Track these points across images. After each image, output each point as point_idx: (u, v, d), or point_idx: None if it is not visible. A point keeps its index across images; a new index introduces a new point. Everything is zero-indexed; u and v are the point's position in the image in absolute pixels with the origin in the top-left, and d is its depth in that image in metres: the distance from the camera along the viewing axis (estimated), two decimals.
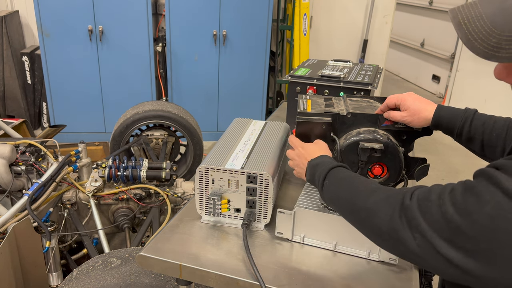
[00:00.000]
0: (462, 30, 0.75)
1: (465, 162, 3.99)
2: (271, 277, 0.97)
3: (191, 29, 3.74)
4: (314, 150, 1.11)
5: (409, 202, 0.76)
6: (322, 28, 4.46)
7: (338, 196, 0.93)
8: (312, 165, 1.06)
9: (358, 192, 0.88)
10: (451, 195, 0.71)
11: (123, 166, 2.04)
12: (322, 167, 1.01)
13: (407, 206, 0.75)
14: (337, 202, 0.93)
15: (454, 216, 0.68)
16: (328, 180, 0.97)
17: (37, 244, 1.71)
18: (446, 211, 0.70)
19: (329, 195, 0.96)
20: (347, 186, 0.92)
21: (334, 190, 0.95)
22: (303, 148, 1.14)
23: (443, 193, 0.72)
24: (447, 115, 1.14)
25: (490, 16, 0.71)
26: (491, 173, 0.68)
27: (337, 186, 0.95)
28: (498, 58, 0.72)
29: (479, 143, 1.11)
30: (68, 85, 3.72)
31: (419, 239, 0.72)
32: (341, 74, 1.70)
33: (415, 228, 0.73)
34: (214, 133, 4.12)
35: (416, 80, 6.60)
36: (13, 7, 4.15)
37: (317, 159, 1.06)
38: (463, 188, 0.71)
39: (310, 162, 1.07)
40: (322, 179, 0.98)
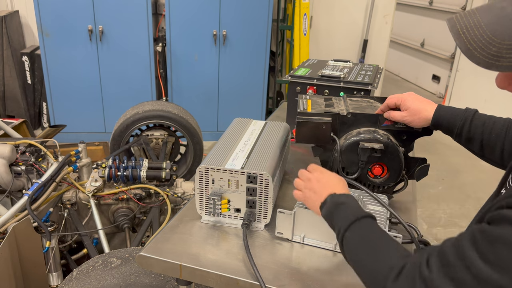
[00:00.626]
0: (461, 39, 0.73)
1: (465, 162, 3.99)
2: (271, 277, 0.97)
3: (191, 29, 3.74)
4: (337, 183, 1.00)
5: (430, 274, 0.68)
6: (322, 28, 4.46)
7: (358, 261, 0.84)
8: (335, 202, 0.93)
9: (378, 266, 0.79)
10: (476, 250, 0.64)
11: (123, 166, 2.04)
12: (347, 212, 0.90)
13: (428, 279, 0.68)
14: (358, 264, 0.84)
15: (490, 274, 0.61)
16: (350, 234, 0.86)
17: (37, 244, 1.71)
18: (478, 272, 0.62)
19: (349, 253, 0.87)
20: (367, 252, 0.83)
21: (354, 252, 0.85)
22: (324, 174, 1.03)
23: (463, 251, 0.66)
24: (447, 115, 1.14)
25: (489, 25, 0.70)
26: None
27: (360, 244, 0.85)
28: (498, 67, 0.70)
29: (478, 143, 1.11)
30: (68, 85, 3.72)
31: None
32: (341, 74, 1.70)
33: None
34: (214, 133, 4.12)
35: (416, 80, 6.60)
36: (13, 7, 4.15)
37: (342, 197, 0.94)
38: (487, 240, 0.64)
39: (334, 197, 0.94)
40: (343, 230, 0.87)
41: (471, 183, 3.69)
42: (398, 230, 1.03)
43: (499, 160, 1.08)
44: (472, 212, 3.26)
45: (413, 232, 1.04)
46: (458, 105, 1.21)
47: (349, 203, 0.92)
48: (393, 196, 1.29)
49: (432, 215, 3.20)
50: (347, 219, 0.88)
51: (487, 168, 2.86)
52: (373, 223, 0.88)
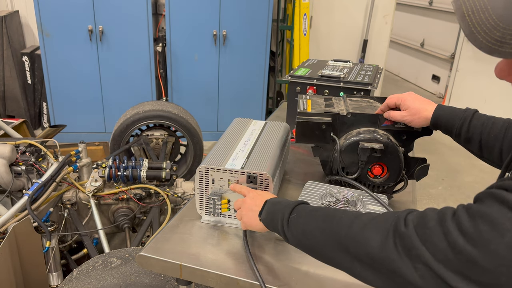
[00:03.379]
0: (466, 22, 0.72)
1: (465, 162, 3.99)
2: (271, 277, 0.97)
3: (191, 29, 3.74)
4: (262, 194, 1.02)
5: (405, 229, 0.68)
6: (322, 28, 4.46)
7: (310, 229, 0.81)
8: (270, 203, 0.95)
9: (338, 220, 0.78)
10: (456, 222, 0.64)
11: (123, 166, 2.04)
12: (285, 204, 0.90)
13: (403, 233, 0.68)
14: (311, 235, 0.81)
15: (466, 246, 0.61)
16: (296, 214, 0.86)
17: (37, 244, 1.71)
18: (454, 240, 0.62)
19: (299, 229, 0.84)
20: (321, 217, 0.81)
21: (304, 223, 0.83)
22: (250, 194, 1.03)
23: (444, 220, 0.65)
24: (446, 114, 1.14)
25: (496, 9, 0.68)
26: (505, 196, 0.61)
27: (308, 218, 0.83)
28: (501, 53, 0.70)
29: (477, 144, 1.11)
30: (68, 85, 3.72)
31: (422, 270, 0.65)
32: (341, 74, 1.71)
33: (416, 258, 0.65)
34: (214, 133, 4.12)
35: (416, 80, 6.60)
36: (13, 7, 4.15)
37: (275, 198, 0.97)
38: (469, 214, 0.64)
39: (269, 201, 0.96)
40: (288, 213, 0.87)
41: (471, 183, 3.69)
42: None
43: (497, 160, 1.08)
44: None
45: None
46: (458, 105, 1.21)
47: (283, 200, 0.94)
48: (393, 196, 1.29)
49: None
50: (287, 208, 0.88)
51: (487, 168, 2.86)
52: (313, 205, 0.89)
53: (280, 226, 0.89)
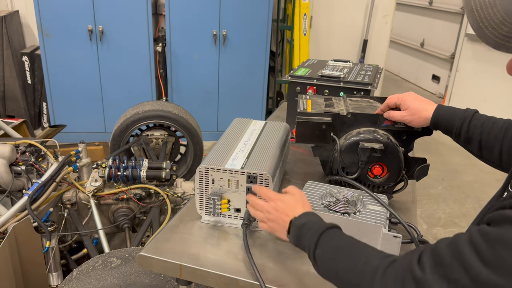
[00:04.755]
0: (474, 17, 0.72)
1: (465, 162, 3.99)
2: (271, 277, 0.97)
3: (191, 29, 3.74)
4: (294, 205, 0.97)
5: (421, 274, 0.65)
6: (322, 28, 4.46)
7: (336, 273, 0.81)
8: (297, 226, 0.91)
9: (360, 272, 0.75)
10: (475, 250, 0.61)
11: (123, 166, 2.04)
12: (310, 230, 0.88)
13: (420, 279, 0.65)
14: (336, 279, 0.81)
15: (490, 276, 0.58)
16: (321, 250, 0.84)
17: (37, 244, 1.71)
18: (476, 274, 0.59)
19: (325, 269, 0.84)
20: (343, 260, 0.79)
21: (329, 265, 0.82)
22: (281, 201, 0.99)
23: (460, 252, 0.62)
24: (446, 114, 1.14)
25: (504, 5, 0.69)
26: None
27: (332, 260, 0.82)
28: (508, 48, 0.70)
29: (476, 144, 1.11)
30: (68, 85, 3.72)
31: None
32: (341, 74, 1.70)
33: None
34: (214, 133, 4.12)
35: (416, 80, 6.60)
36: (13, 7, 4.15)
37: (301, 218, 0.92)
38: (486, 240, 0.61)
39: (294, 222, 0.92)
40: (313, 248, 0.85)
41: (471, 183, 3.69)
42: (398, 230, 1.03)
43: (497, 161, 1.08)
44: (472, 212, 3.26)
45: (413, 232, 1.04)
46: (458, 105, 1.21)
47: (309, 221, 0.90)
48: (393, 196, 1.29)
49: (432, 215, 3.20)
50: (312, 237, 0.86)
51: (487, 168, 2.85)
52: (338, 232, 0.86)
53: (308, 257, 0.88)
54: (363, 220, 1.03)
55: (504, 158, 1.06)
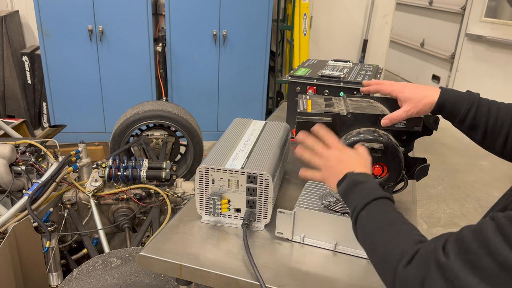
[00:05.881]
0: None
1: (465, 162, 3.99)
2: (271, 277, 0.97)
3: (191, 29, 3.74)
4: (358, 162, 0.96)
5: (447, 260, 0.64)
6: (322, 28, 4.46)
7: (370, 241, 0.82)
8: (352, 180, 0.90)
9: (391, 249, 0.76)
10: (501, 234, 0.60)
11: (123, 166, 2.04)
12: (364, 191, 0.87)
13: (445, 265, 0.64)
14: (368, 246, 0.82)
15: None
16: (365, 213, 0.84)
17: (37, 244, 1.71)
18: (504, 259, 0.58)
19: (361, 233, 0.84)
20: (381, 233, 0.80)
21: (367, 231, 0.83)
22: (345, 153, 0.99)
23: (486, 237, 0.61)
24: (452, 99, 1.09)
25: None
26: None
27: (371, 228, 0.82)
28: None
29: (481, 131, 1.07)
30: (68, 85, 3.72)
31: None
32: (341, 74, 1.70)
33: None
34: (214, 133, 4.12)
35: (416, 80, 6.60)
36: (13, 7, 4.15)
37: (360, 175, 0.91)
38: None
39: (351, 176, 0.91)
40: (359, 208, 0.85)
41: (471, 183, 3.69)
42: None
43: (500, 149, 1.05)
44: (472, 212, 3.26)
45: None
46: None
47: (367, 182, 0.89)
48: (393, 196, 1.29)
49: (432, 215, 3.20)
50: (363, 199, 0.85)
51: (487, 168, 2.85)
52: (389, 204, 0.85)
53: (350, 214, 0.88)
54: None
55: (509, 146, 1.02)
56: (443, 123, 1.20)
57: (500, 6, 4.84)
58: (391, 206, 0.85)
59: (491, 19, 4.80)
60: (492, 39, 4.72)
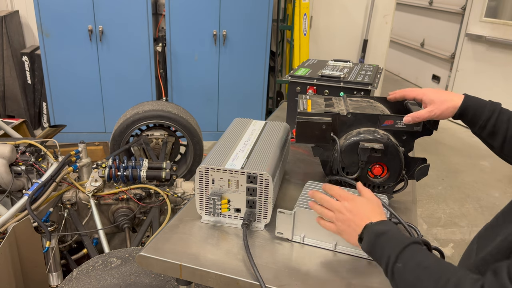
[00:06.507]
0: None
1: (465, 162, 3.99)
2: (271, 277, 0.97)
3: (191, 29, 3.74)
4: (372, 210, 0.93)
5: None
6: (322, 28, 4.46)
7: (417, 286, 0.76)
8: (374, 233, 0.87)
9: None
10: None
11: (123, 166, 2.04)
12: (392, 240, 0.83)
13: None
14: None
15: None
16: (402, 264, 0.79)
17: (37, 244, 1.71)
18: None
19: (405, 285, 0.79)
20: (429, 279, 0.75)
21: (411, 282, 0.77)
22: (356, 203, 0.96)
23: None
24: (475, 105, 1.12)
25: None
26: None
27: (415, 277, 0.77)
28: None
29: (501, 139, 1.09)
30: (68, 85, 3.72)
31: None
32: (341, 74, 1.70)
33: None
34: (214, 133, 4.12)
35: (416, 80, 6.60)
36: (13, 7, 4.15)
37: (380, 225, 0.88)
38: None
39: (371, 228, 0.88)
40: (393, 260, 0.80)
41: (471, 183, 3.69)
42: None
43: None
44: (472, 212, 3.26)
45: (413, 232, 1.04)
46: None
47: (389, 231, 0.86)
48: (393, 196, 1.29)
49: (432, 215, 3.20)
50: (394, 249, 0.81)
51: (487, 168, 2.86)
52: (422, 248, 0.81)
53: (384, 269, 0.84)
54: None
55: None
56: (443, 123, 1.20)
57: (500, 6, 4.84)
58: (424, 250, 0.81)
59: (491, 19, 4.80)
60: (492, 39, 4.72)
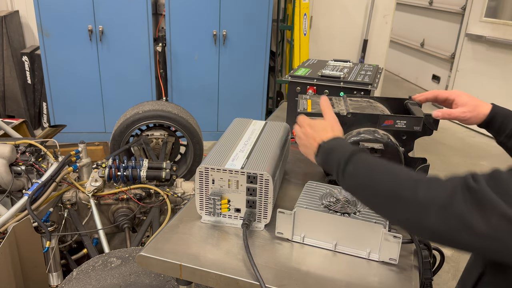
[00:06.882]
0: None
1: (465, 162, 3.99)
2: (271, 277, 0.97)
3: (191, 29, 3.74)
4: (324, 130, 1.03)
5: (476, 185, 0.68)
6: (322, 28, 4.46)
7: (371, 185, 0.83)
8: (325, 149, 0.97)
9: (401, 181, 0.78)
10: None
11: (123, 166, 2.04)
12: (339, 152, 0.92)
13: (473, 188, 0.68)
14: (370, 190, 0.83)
15: None
16: (353, 165, 0.87)
17: (37, 244, 1.71)
18: None
19: (357, 183, 0.86)
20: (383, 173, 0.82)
21: (363, 179, 0.85)
22: (311, 127, 1.06)
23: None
24: (503, 113, 1.13)
25: None
26: None
27: (367, 174, 0.84)
28: None
29: None
30: (68, 85, 3.72)
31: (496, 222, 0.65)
32: (341, 74, 1.70)
33: (490, 210, 0.66)
34: (214, 133, 4.12)
35: (416, 80, 6.60)
36: (13, 7, 4.15)
37: (330, 142, 0.98)
38: None
39: (322, 146, 0.99)
40: (343, 163, 0.88)
41: None
42: (398, 230, 1.03)
43: None
44: None
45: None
46: None
47: (338, 144, 0.96)
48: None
49: None
50: (343, 155, 0.90)
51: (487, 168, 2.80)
52: (371, 155, 0.89)
53: (335, 176, 0.92)
54: (363, 220, 1.03)
55: None
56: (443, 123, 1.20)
57: (500, 6, 4.84)
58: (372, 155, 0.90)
59: (491, 19, 4.80)
60: (492, 39, 4.72)
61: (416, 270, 1.02)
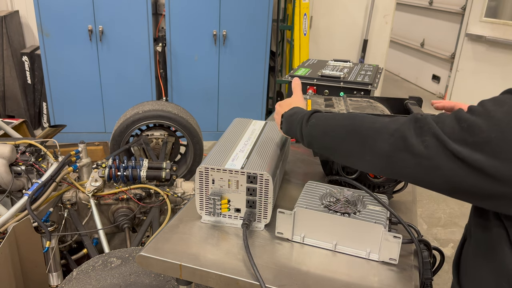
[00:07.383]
0: None
1: None
2: (271, 277, 0.97)
3: (191, 29, 3.74)
4: (289, 105, 1.15)
5: (422, 117, 0.80)
6: (322, 28, 4.46)
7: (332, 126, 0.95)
8: (287, 116, 1.10)
9: (360, 118, 0.91)
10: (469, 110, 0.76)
11: (123, 166, 2.04)
12: (300, 113, 1.05)
13: (419, 118, 0.79)
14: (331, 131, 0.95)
15: (471, 117, 0.73)
16: (315, 119, 0.99)
17: (37, 244, 1.71)
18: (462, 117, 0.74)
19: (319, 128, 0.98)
20: (343, 117, 0.94)
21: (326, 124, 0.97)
22: (280, 105, 1.19)
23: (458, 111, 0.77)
24: None
25: None
26: None
27: (330, 118, 0.97)
28: None
29: None
30: (68, 85, 3.72)
31: (428, 141, 0.75)
32: (341, 74, 1.71)
33: (426, 132, 0.76)
34: (214, 133, 4.12)
35: (416, 80, 6.60)
36: (13, 7, 4.15)
37: (291, 110, 1.11)
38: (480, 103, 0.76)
39: (284, 115, 1.11)
40: (306, 119, 1.01)
41: None
42: (398, 230, 1.03)
43: None
44: None
45: (413, 232, 1.04)
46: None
47: (298, 110, 1.08)
48: (393, 196, 1.29)
49: (432, 215, 3.20)
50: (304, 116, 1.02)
51: None
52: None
53: (299, 136, 1.04)
54: (363, 220, 1.03)
55: None
56: None
57: (500, 6, 4.84)
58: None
59: (491, 19, 4.80)
60: (492, 39, 4.73)
61: (416, 270, 1.02)
